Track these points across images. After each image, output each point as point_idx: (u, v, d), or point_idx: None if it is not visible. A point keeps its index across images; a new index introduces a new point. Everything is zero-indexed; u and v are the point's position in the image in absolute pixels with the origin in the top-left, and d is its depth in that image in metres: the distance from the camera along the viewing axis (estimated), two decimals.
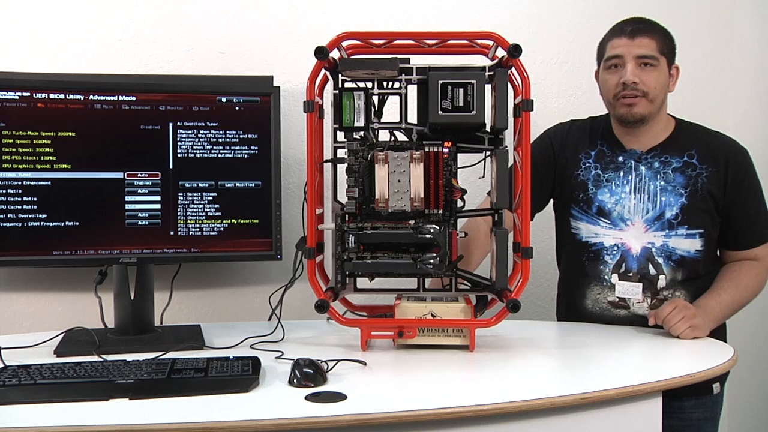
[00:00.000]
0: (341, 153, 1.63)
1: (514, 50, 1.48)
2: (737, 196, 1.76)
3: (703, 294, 1.74)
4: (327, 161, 1.66)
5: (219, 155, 1.70)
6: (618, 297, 1.78)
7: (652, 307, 1.75)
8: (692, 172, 1.76)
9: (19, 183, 1.60)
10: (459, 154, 1.60)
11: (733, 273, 1.77)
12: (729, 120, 2.39)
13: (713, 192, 1.75)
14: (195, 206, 1.69)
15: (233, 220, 1.71)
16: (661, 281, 1.75)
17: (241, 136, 1.71)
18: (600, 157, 1.83)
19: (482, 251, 1.82)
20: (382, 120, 1.62)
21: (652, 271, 1.76)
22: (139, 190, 1.66)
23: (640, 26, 1.75)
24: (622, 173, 1.80)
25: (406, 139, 1.61)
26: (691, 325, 1.62)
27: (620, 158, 1.81)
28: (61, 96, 1.62)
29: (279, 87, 1.78)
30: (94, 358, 1.45)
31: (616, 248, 1.78)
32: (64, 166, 1.62)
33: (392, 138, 1.63)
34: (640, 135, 1.80)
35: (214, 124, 1.69)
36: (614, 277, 1.78)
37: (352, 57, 1.59)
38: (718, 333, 1.78)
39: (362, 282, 1.69)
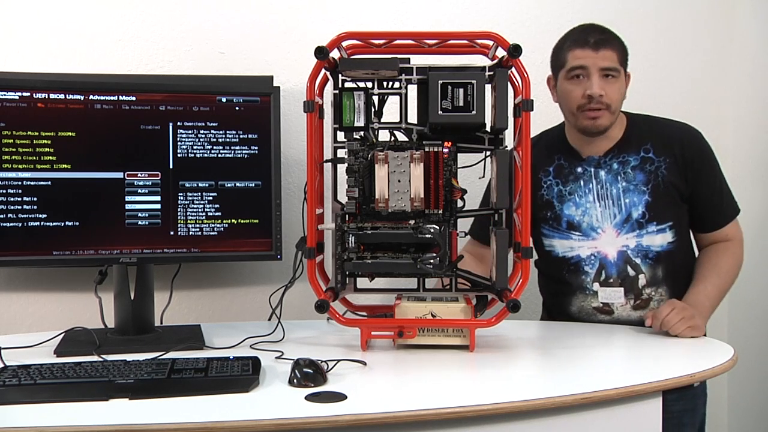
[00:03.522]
0: (341, 153, 1.63)
1: (514, 50, 1.48)
2: (699, 180, 1.79)
3: (689, 288, 1.77)
4: (327, 161, 1.66)
5: (219, 155, 1.70)
6: (602, 303, 1.79)
7: (635, 307, 1.78)
8: (651, 166, 1.78)
9: (19, 183, 1.60)
10: (459, 154, 1.60)
11: (712, 260, 1.81)
12: (729, 120, 2.39)
13: (674, 182, 1.77)
14: (195, 206, 1.69)
15: (233, 220, 1.71)
16: (642, 280, 1.77)
17: (241, 136, 1.71)
18: (559, 172, 1.84)
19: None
20: (382, 120, 1.62)
21: (631, 272, 1.78)
22: (139, 190, 1.66)
23: (603, 37, 1.75)
24: (582, 183, 1.81)
25: (406, 139, 1.61)
26: (690, 325, 1.63)
27: (579, 169, 1.82)
28: (61, 96, 1.62)
29: (279, 87, 1.78)
30: (94, 358, 1.45)
31: (593, 257, 1.79)
32: (64, 166, 1.62)
33: (392, 138, 1.63)
34: (597, 141, 1.81)
35: (214, 124, 1.69)
36: (595, 285, 1.79)
37: (352, 57, 1.59)
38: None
39: (362, 282, 1.69)
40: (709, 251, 1.83)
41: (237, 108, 1.71)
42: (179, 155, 1.68)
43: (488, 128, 1.62)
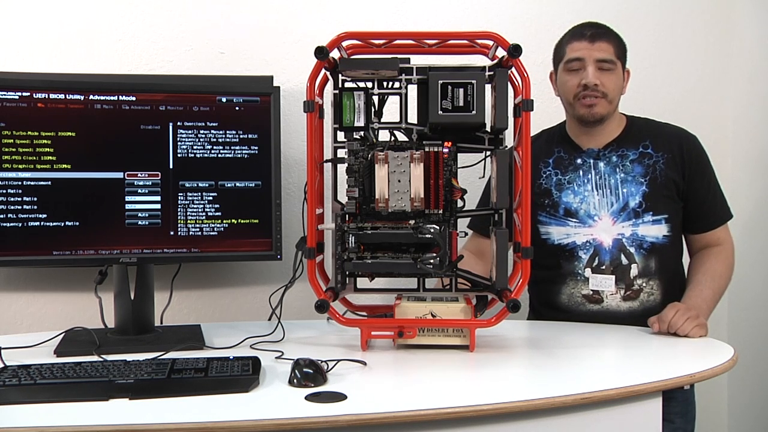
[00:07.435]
0: (341, 153, 1.63)
1: (514, 50, 1.48)
2: (695, 179, 1.83)
3: (686, 292, 1.79)
4: (327, 161, 1.66)
5: (219, 155, 1.70)
6: (592, 290, 1.81)
7: (624, 298, 1.80)
8: (649, 161, 1.82)
9: (19, 183, 1.60)
10: (459, 154, 1.60)
11: (705, 264, 1.83)
12: (729, 120, 2.39)
13: (672, 177, 1.81)
14: (195, 206, 1.69)
15: (233, 220, 1.71)
16: (634, 270, 1.80)
17: (241, 136, 1.71)
18: (558, 162, 1.89)
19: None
20: (382, 120, 1.62)
21: (624, 261, 1.81)
22: (139, 190, 1.66)
23: (599, 31, 1.82)
24: (581, 173, 1.86)
25: (406, 139, 1.61)
26: (698, 324, 1.64)
27: (578, 160, 1.87)
28: (61, 96, 1.62)
29: (279, 87, 1.78)
30: (94, 358, 1.45)
31: (588, 244, 1.83)
32: (64, 166, 1.62)
33: (392, 138, 1.63)
34: (596, 134, 1.86)
35: (214, 124, 1.69)
36: (587, 271, 1.82)
37: (352, 57, 1.59)
38: None
39: (362, 282, 1.69)
40: (703, 256, 1.85)
41: (237, 108, 1.71)
42: (179, 155, 1.68)
43: (488, 128, 1.62)
